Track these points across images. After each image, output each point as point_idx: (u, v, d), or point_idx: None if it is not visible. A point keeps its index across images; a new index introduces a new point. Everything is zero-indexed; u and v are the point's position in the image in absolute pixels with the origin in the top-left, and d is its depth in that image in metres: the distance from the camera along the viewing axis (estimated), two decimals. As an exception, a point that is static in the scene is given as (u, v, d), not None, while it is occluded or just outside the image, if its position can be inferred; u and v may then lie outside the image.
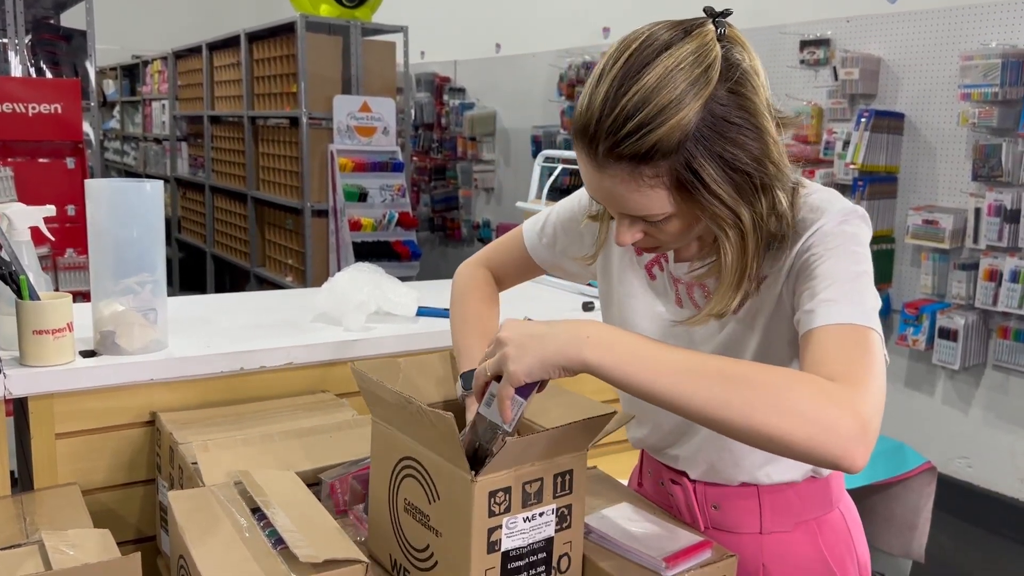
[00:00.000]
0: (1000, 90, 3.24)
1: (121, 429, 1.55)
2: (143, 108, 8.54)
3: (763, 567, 1.16)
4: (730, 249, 0.97)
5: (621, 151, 0.92)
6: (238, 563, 1.02)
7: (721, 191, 0.94)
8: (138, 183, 1.49)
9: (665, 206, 0.96)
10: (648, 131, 0.90)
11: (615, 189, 0.96)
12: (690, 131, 0.91)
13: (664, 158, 0.92)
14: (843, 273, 0.95)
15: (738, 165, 0.93)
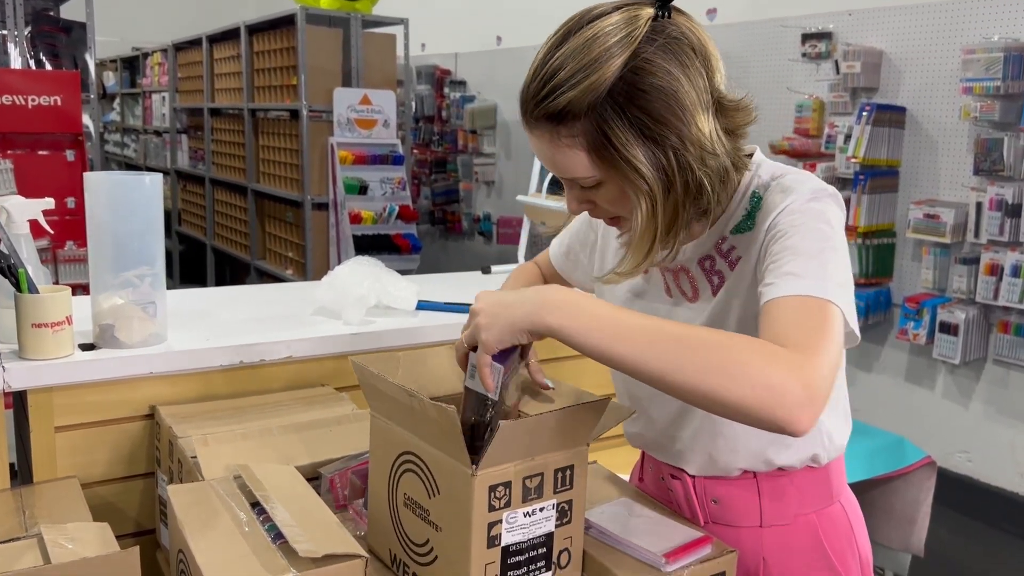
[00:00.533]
0: (1002, 84, 3.23)
1: (120, 423, 1.55)
2: (143, 100, 8.52)
3: (763, 561, 1.15)
4: (639, 214, 0.99)
5: (538, 112, 0.98)
6: (238, 557, 1.02)
7: (631, 155, 0.96)
8: (137, 176, 1.49)
9: (588, 168, 1.00)
10: (561, 93, 0.95)
11: (543, 151, 1.02)
12: (602, 93, 0.94)
13: (576, 119, 0.96)
14: (807, 248, 0.97)
15: (648, 132, 0.96)
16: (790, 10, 4.17)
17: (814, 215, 1.00)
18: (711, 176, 0.99)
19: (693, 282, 1.13)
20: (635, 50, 0.94)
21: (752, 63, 4.38)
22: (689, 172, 0.98)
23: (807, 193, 1.01)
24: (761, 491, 1.16)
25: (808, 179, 1.04)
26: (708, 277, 1.11)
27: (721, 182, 1.01)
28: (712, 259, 1.11)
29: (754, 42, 4.36)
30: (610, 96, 0.94)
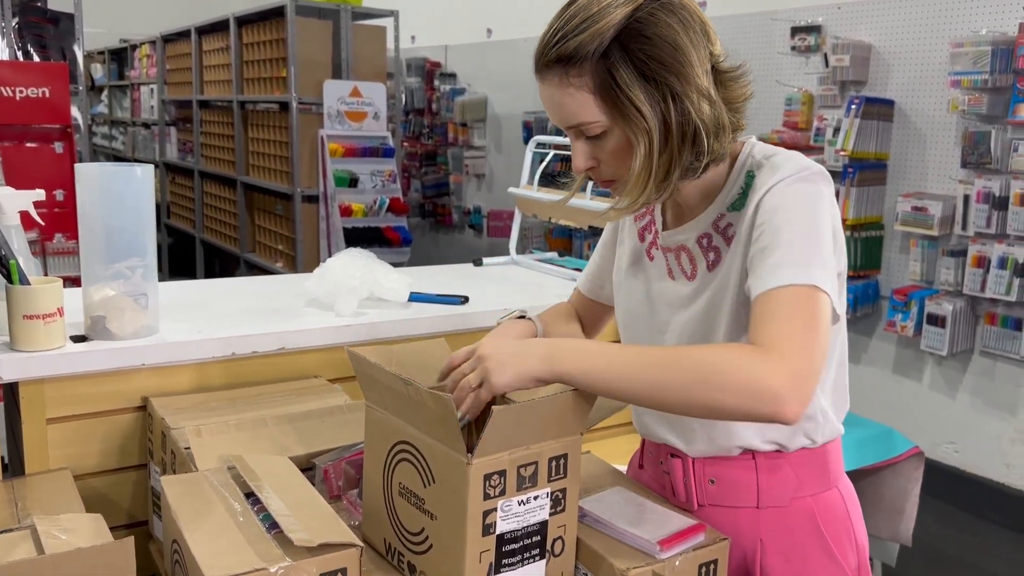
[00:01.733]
0: (989, 77, 3.25)
1: (112, 414, 1.55)
2: (131, 92, 8.47)
3: (761, 542, 1.16)
4: (639, 153, 1.06)
5: (550, 56, 1.06)
6: (232, 547, 1.02)
7: (633, 95, 1.04)
8: (128, 167, 1.49)
9: (594, 112, 1.06)
10: (572, 36, 1.04)
11: (553, 95, 1.08)
12: (609, 38, 1.03)
13: (584, 60, 1.04)
14: (791, 233, 1.03)
15: (650, 75, 1.03)
16: (779, 3, 4.18)
17: (801, 195, 1.06)
18: (707, 125, 1.06)
19: (692, 260, 1.18)
20: (639, 4, 1.04)
21: (741, 56, 4.36)
22: (685, 116, 1.05)
23: (793, 171, 1.07)
24: (759, 470, 1.17)
25: (797, 157, 1.10)
26: (704, 254, 1.16)
27: (716, 134, 1.07)
28: (710, 236, 1.16)
29: (743, 35, 4.37)
30: (616, 41, 1.03)
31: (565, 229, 5.39)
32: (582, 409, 1.02)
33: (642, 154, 1.06)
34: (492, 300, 2.00)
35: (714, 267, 1.15)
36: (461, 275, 2.38)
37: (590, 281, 1.44)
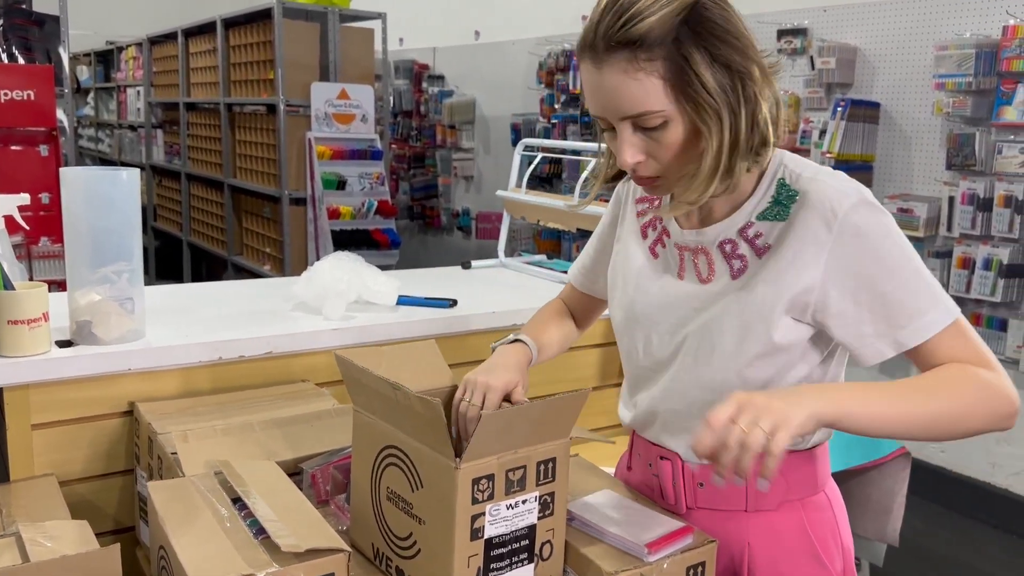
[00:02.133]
0: (974, 80, 3.27)
1: (99, 419, 1.54)
2: (118, 95, 8.43)
3: (748, 546, 1.16)
4: (711, 145, 1.02)
5: (619, 37, 1.00)
6: (219, 553, 1.02)
7: (707, 80, 1.00)
8: (114, 171, 1.48)
9: (660, 99, 1.01)
10: (643, 18, 0.99)
11: (614, 82, 1.02)
12: (679, 21, 0.99)
13: (658, 44, 0.99)
14: (912, 262, 1.05)
15: (722, 59, 1.01)
16: (766, 6, 4.19)
17: (884, 229, 1.05)
18: (768, 113, 1.04)
19: (711, 264, 1.15)
20: None
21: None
22: (754, 105, 1.03)
23: (855, 194, 1.05)
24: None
25: (840, 176, 1.09)
26: (728, 260, 1.13)
27: (775, 124, 1.06)
28: (734, 243, 1.13)
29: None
30: (684, 23, 1.00)
31: (554, 231, 5.40)
32: (570, 413, 1.02)
33: (715, 145, 1.02)
34: (481, 303, 2.00)
35: (739, 275, 1.11)
36: (449, 278, 2.38)
37: (583, 275, 1.42)
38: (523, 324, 1.98)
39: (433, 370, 1.27)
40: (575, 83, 5.19)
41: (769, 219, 1.10)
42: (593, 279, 1.41)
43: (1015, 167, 3.24)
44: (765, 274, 1.09)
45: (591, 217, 2.31)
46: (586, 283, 1.42)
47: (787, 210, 1.08)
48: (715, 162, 1.03)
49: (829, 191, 1.06)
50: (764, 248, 1.10)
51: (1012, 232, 3.24)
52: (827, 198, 1.05)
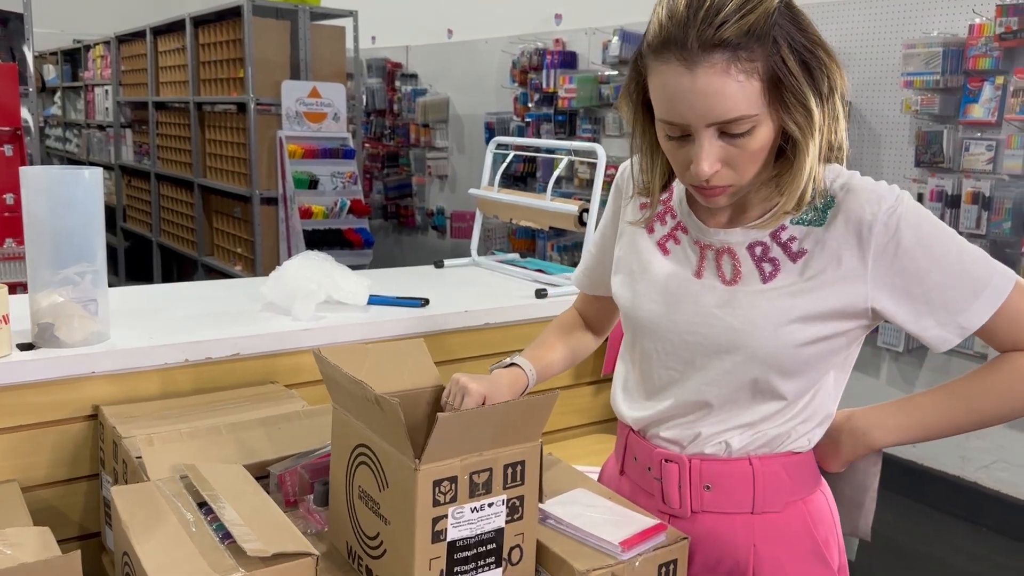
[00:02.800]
0: (941, 78, 3.31)
1: (62, 424, 1.51)
2: (85, 94, 8.31)
3: (754, 547, 1.15)
4: (809, 150, 1.01)
5: (720, 35, 0.95)
6: (184, 558, 1.00)
7: (801, 82, 0.98)
8: (76, 170, 1.45)
9: (756, 103, 0.98)
10: (745, 13, 0.95)
11: (710, 84, 0.97)
12: (776, 18, 0.97)
13: (760, 43, 0.96)
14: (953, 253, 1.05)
15: (813, 64, 0.99)
16: (737, 4, 4.22)
17: (924, 218, 1.05)
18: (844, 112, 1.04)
19: (737, 265, 1.12)
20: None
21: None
22: (835, 112, 1.02)
23: (890, 195, 1.05)
24: (756, 476, 1.15)
25: (873, 181, 1.09)
26: (758, 263, 1.11)
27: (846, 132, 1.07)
28: (766, 246, 1.10)
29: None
30: (778, 25, 0.97)
31: (529, 230, 5.39)
32: (539, 416, 1.01)
33: (813, 150, 1.01)
34: (453, 302, 1.99)
35: (771, 279, 1.09)
36: (422, 277, 2.37)
37: (588, 278, 1.39)
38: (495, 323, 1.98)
39: (419, 369, 1.24)
40: (548, 82, 5.19)
41: (804, 224, 1.08)
42: (599, 280, 1.35)
43: (982, 164, 3.28)
44: (804, 282, 1.08)
45: (563, 215, 2.30)
46: (594, 285, 1.38)
47: (824, 216, 1.07)
48: (810, 167, 1.01)
49: (865, 195, 1.05)
50: (799, 253, 1.08)
51: (979, 228, 3.28)
52: (865, 202, 1.05)
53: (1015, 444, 3.40)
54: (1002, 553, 3.28)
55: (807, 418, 1.16)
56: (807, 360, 1.10)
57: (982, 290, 1.05)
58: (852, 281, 1.06)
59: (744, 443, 1.15)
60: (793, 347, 1.08)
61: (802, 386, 1.13)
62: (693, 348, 1.14)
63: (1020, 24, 3.10)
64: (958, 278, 1.05)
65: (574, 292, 2.16)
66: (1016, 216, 3.20)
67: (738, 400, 1.14)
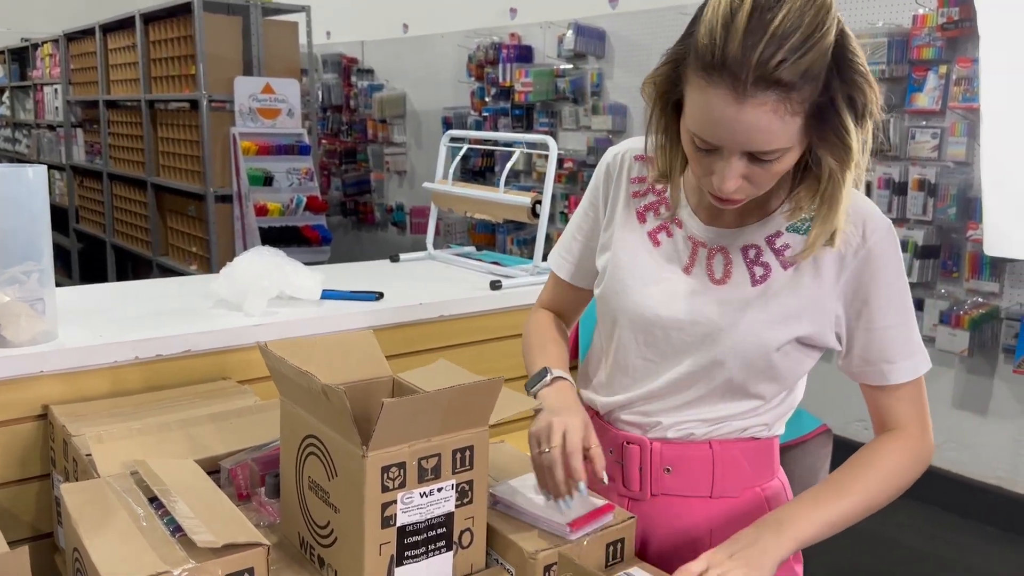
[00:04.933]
0: (887, 68, 3.38)
1: (11, 424, 1.50)
2: (34, 93, 8.15)
3: (711, 532, 1.18)
4: (844, 183, 1.01)
5: (776, 75, 0.92)
6: (134, 552, 1.00)
7: (846, 120, 0.97)
8: (19, 168, 1.44)
9: (794, 137, 0.98)
10: (801, 55, 0.92)
11: (759, 120, 0.95)
12: (829, 59, 0.95)
13: (812, 82, 0.94)
14: (909, 305, 1.12)
15: (858, 96, 0.98)
16: (688, -3, 4.27)
17: (898, 258, 1.10)
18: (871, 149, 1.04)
19: (728, 266, 1.13)
20: (838, 18, 0.97)
21: (654, 51, 4.46)
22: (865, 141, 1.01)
23: (885, 227, 1.08)
24: (715, 460, 1.17)
25: (872, 202, 1.11)
26: (750, 266, 1.12)
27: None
28: (759, 249, 1.12)
29: (656, 30, 4.45)
30: (834, 61, 0.96)
31: (489, 224, 5.41)
32: (485, 401, 1.03)
33: (848, 182, 1.00)
34: (408, 295, 2.00)
35: (760, 283, 1.11)
36: (377, 272, 2.37)
37: (570, 263, 1.33)
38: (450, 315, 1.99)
39: (370, 361, 1.24)
40: (505, 76, 5.21)
41: (800, 232, 1.10)
42: (582, 268, 1.33)
43: (927, 151, 3.36)
44: (791, 290, 1.10)
45: (516, 207, 2.32)
46: (577, 274, 1.34)
47: None
48: (841, 196, 1.01)
49: (863, 215, 1.08)
50: (791, 262, 1.10)
51: (926, 215, 3.36)
52: (860, 222, 1.07)
53: (964, 424, 3.50)
54: (949, 529, 3.37)
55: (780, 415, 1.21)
56: (783, 364, 1.13)
57: (913, 355, 1.12)
58: (827, 296, 1.10)
59: (707, 431, 1.18)
60: (772, 351, 1.11)
61: (778, 388, 1.17)
62: (675, 342, 1.16)
63: (962, 14, 3.18)
64: (902, 334, 1.11)
65: (529, 284, 2.18)
66: (960, 202, 3.28)
67: (710, 396, 1.17)
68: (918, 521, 3.42)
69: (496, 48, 5.32)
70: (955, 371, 3.50)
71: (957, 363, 3.47)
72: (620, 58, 4.70)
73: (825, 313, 1.11)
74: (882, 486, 1.12)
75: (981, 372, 3.43)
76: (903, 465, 1.13)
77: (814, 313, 1.11)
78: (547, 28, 5.09)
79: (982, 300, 3.33)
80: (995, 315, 3.30)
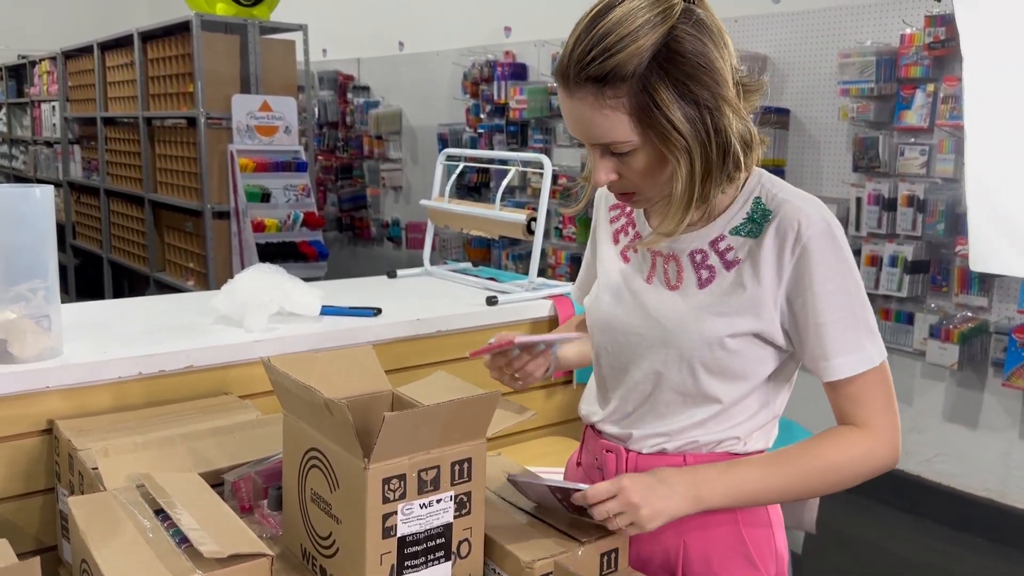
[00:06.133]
0: (875, 86, 3.44)
1: (16, 439, 1.52)
2: (32, 110, 8.18)
3: (684, 544, 1.20)
4: (680, 174, 1.07)
5: (586, 73, 1.04)
6: (142, 563, 1.03)
7: (672, 116, 1.04)
8: (26, 188, 1.47)
9: (628, 132, 1.06)
10: (609, 56, 1.02)
11: (583, 113, 1.07)
12: (646, 58, 1.03)
13: (623, 81, 1.03)
14: (851, 302, 1.11)
15: (687, 95, 1.04)
16: (681, 16, 4.32)
17: (840, 251, 1.11)
18: (741, 140, 1.08)
19: (680, 271, 1.19)
20: (673, 24, 1.03)
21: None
22: (723, 135, 1.06)
23: (821, 222, 1.10)
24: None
25: (815, 201, 1.14)
26: (696, 269, 1.17)
27: (749, 148, 1.10)
28: (704, 253, 1.17)
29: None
30: (653, 60, 1.03)
31: (485, 240, 5.45)
32: (484, 414, 1.06)
33: (684, 176, 1.06)
34: (405, 311, 2.03)
35: (705, 285, 1.16)
36: (375, 287, 2.40)
37: (582, 291, 1.43)
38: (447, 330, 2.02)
39: (370, 376, 1.28)
40: (499, 94, 5.26)
41: (742, 235, 1.14)
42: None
43: (916, 168, 3.41)
44: (733, 289, 1.14)
45: (512, 224, 2.36)
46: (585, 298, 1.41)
47: (760, 228, 1.13)
48: (687, 193, 1.08)
49: (800, 214, 1.11)
50: (734, 262, 1.15)
51: (915, 230, 3.41)
52: (797, 220, 1.10)
53: (954, 437, 3.53)
54: (941, 541, 3.40)
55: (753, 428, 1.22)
56: (735, 362, 1.16)
57: (851, 353, 1.12)
58: (770, 294, 1.13)
59: (678, 446, 1.21)
60: (715, 344, 1.14)
61: (734, 390, 1.18)
62: (633, 346, 1.21)
63: (948, 34, 3.24)
64: (841, 331, 1.11)
65: (524, 299, 2.22)
66: (949, 217, 3.33)
67: (673, 403, 1.20)
68: (910, 532, 3.45)
69: (491, 66, 5.37)
70: (945, 384, 3.54)
71: (947, 377, 3.51)
72: (613, 76, 4.75)
73: (769, 310, 1.13)
74: (816, 477, 1.14)
75: (971, 385, 3.47)
76: (844, 460, 1.14)
77: (759, 310, 1.13)
78: (541, 46, 5.14)
79: (971, 314, 3.37)
80: (984, 329, 3.34)
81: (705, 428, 1.19)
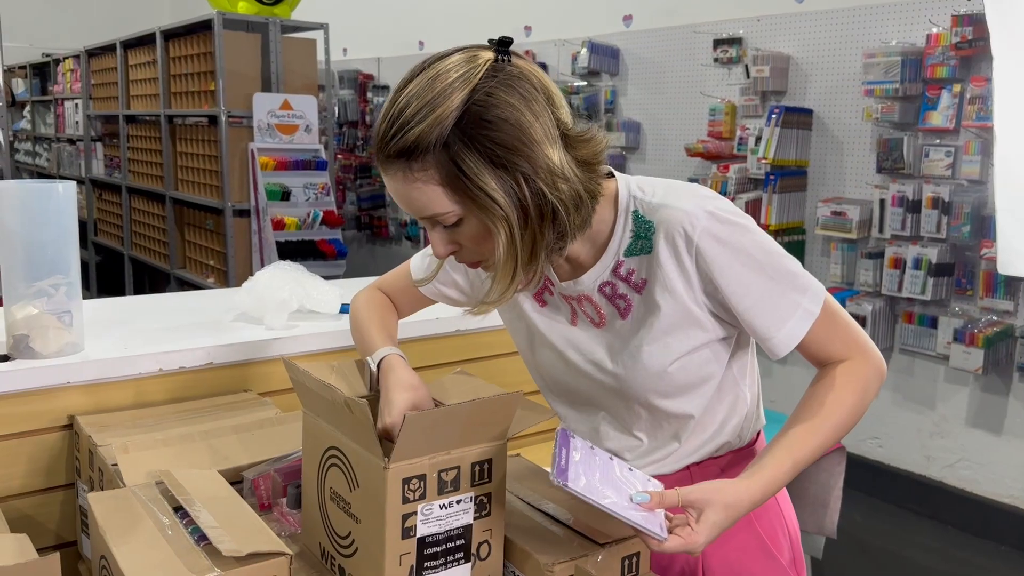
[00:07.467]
0: (900, 86, 3.40)
1: (38, 434, 1.53)
2: (55, 108, 8.26)
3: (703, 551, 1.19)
4: (500, 241, 1.02)
5: (390, 150, 1.00)
6: (161, 560, 1.03)
7: (483, 184, 0.99)
8: (49, 184, 1.48)
9: (444, 203, 1.01)
10: (409, 129, 0.98)
11: (399, 189, 1.03)
12: (448, 126, 0.97)
13: (426, 152, 0.98)
14: (764, 272, 1.07)
15: (498, 160, 0.98)
16: (701, 16, 4.30)
17: (734, 235, 1.06)
18: (564, 202, 1.02)
19: (598, 308, 1.17)
20: (476, 85, 0.98)
21: (667, 68, 4.50)
22: (542, 198, 1.00)
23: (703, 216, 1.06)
24: (694, 480, 1.19)
25: (690, 192, 1.10)
26: (613, 302, 1.15)
27: (576, 207, 1.04)
28: (613, 284, 1.15)
29: (668, 48, 4.48)
30: (457, 128, 0.98)
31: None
32: (505, 415, 1.05)
33: (504, 242, 1.01)
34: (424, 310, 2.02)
35: (627, 314, 1.14)
36: (393, 286, 2.39)
37: (433, 284, 1.35)
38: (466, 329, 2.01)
39: None
40: (519, 92, 5.25)
41: (636, 254, 1.12)
42: (442, 289, 1.36)
43: (941, 170, 3.37)
44: (651, 308, 1.12)
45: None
46: (433, 290, 1.37)
47: (649, 242, 1.10)
48: (509, 258, 1.03)
49: (678, 216, 1.07)
50: (641, 283, 1.12)
51: (940, 232, 3.37)
52: (678, 224, 1.07)
53: (978, 443, 3.49)
54: (964, 548, 3.36)
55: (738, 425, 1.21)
56: (685, 378, 1.14)
57: (787, 319, 1.08)
58: (686, 297, 1.10)
59: (674, 466, 1.21)
60: (661, 370, 1.13)
61: (697, 401, 1.17)
62: (587, 391, 1.21)
63: (975, 34, 3.20)
64: (768, 305, 1.08)
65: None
66: (974, 220, 3.29)
67: (647, 431, 1.20)
68: (931, 539, 3.41)
69: (511, 65, 5.36)
70: (969, 389, 3.49)
71: (971, 381, 3.47)
72: (634, 75, 4.73)
73: (697, 316, 1.11)
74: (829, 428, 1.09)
75: (996, 390, 3.42)
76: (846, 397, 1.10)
77: (686, 320, 1.11)
78: (561, 46, 5.13)
79: (996, 318, 3.33)
80: (1010, 333, 3.29)
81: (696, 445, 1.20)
